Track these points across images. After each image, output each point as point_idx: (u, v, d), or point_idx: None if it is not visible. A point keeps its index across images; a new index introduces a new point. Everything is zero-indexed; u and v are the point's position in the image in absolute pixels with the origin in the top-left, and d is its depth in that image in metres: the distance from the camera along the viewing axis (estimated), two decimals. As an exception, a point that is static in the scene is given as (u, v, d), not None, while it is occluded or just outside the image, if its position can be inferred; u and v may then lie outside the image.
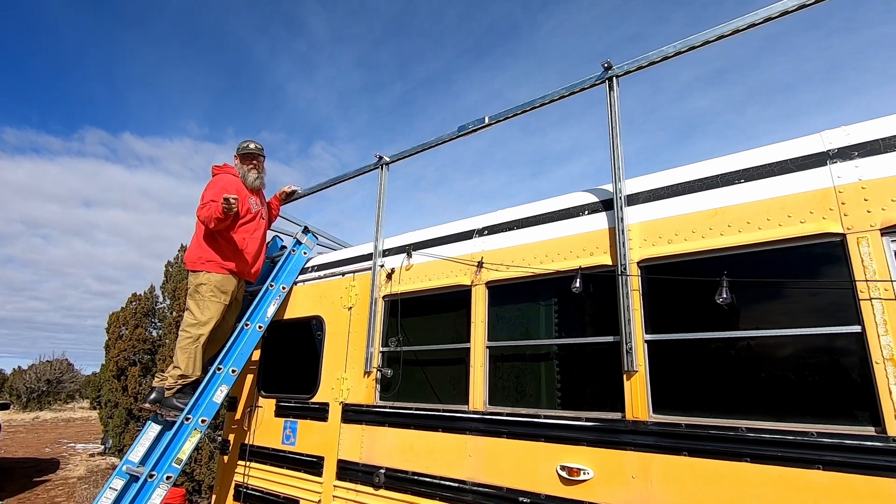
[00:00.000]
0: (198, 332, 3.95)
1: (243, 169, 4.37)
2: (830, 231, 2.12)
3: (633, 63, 2.84)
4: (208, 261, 4.05)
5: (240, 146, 4.45)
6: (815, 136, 2.31)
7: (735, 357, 2.36)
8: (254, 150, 4.42)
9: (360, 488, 3.38)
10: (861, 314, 2.01)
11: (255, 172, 4.41)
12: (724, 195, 2.44)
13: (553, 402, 2.83)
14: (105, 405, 12.06)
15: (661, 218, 2.61)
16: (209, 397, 3.79)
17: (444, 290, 3.42)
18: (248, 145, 4.42)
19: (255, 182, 4.39)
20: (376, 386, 3.57)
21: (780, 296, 2.29)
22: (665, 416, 2.38)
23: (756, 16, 2.50)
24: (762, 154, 2.42)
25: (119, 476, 3.66)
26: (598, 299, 2.80)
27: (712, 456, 2.18)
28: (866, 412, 1.97)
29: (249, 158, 4.40)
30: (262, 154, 4.47)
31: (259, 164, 4.46)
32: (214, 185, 4.12)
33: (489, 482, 2.81)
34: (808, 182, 2.23)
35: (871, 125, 2.18)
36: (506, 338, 3.10)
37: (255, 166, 4.42)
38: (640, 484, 2.33)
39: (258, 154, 4.44)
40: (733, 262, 2.35)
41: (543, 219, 3.09)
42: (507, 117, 3.38)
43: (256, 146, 4.45)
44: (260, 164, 4.47)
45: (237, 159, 4.42)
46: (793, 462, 2.00)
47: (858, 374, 2.02)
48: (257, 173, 4.42)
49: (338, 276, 4.18)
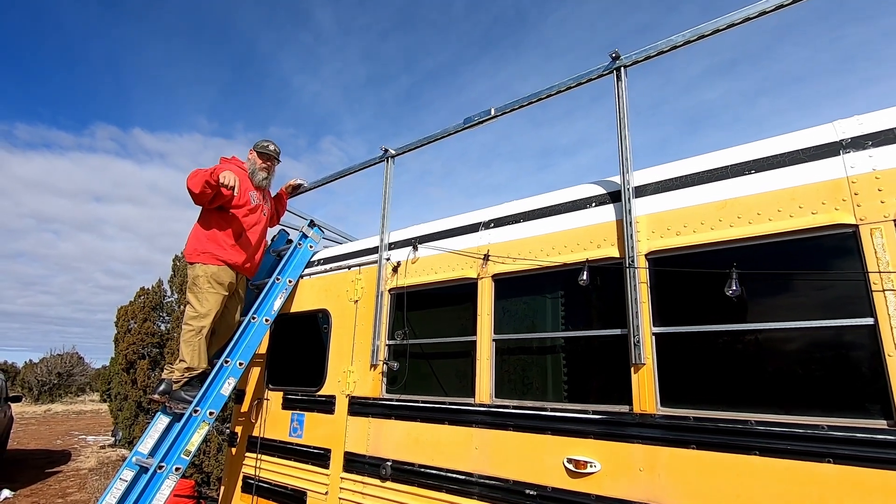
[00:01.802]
0: (199, 325, 3.96)
1: (255, 165, 4.37)
2: (843, 222, 2.09)
3: (642, 53, 2.80)
4: (204, 252, 4.05)
5: (260, 143, 4.44)
6: (828, 125, 2.27)
7: (744, 350, 2.33)
8: (272, 153, 4.43)
9: (366, 480, 3.40)
10: (874, 306, 1.98)
11: (265, 173, 4.42)
12: (733, 186, 2.41)
13: (560, 394, 2.82)
14: (115, 398, 12.20)
15: (670, 210, 2.58)
16: (217, 390, 3.81)
17: (450, 283, 3.41)
18: (269, 146, 4.42)
19: (262, 182, 4.41)
20: (382, 379, 3.58)
21: (790, 288, 2.26)
22: (673, 409, 2.37)
23: (767, 4, 2.46)
24: (773, 144, 2.38)
25: (129, 467, 3.70)
26: (605, 292, 2.78)
27: (721, 449, 2.16)
28: (878, 405, 1.94)
29: (266, 158, 4.41)
30: (278, 158, 4.49)
31: (272, 166, 4.47)
32: (219, 166, 4.11)
33: (496, 475, 2.81)
34: (820, 172, 2.19)
35: (885, 114, 2.14)
36: (512, 331, 3.09)
37: (267, 168, 4.43)
38: (647, 477, 2.32)
39: (275, 157, 4.46)
40: (743, 254, 2.32)
41: (550, 211, 3.07)
42: (514, 109, 3.35)
43: (276, 149, 4.46)
44: (272, 167, 4.48)
45: (252, 153, 4.42)
46: (803, 455, 1.98)
47: (870, 366, 1.99)
48: (267, 174, 4.43)
49: (344, 270, 4.18)
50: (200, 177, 3.70)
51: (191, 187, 3.75)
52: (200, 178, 3.70)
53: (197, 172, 3.75)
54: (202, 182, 3.69)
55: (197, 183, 3.70)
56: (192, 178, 3.73)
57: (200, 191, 3.73)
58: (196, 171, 3.76)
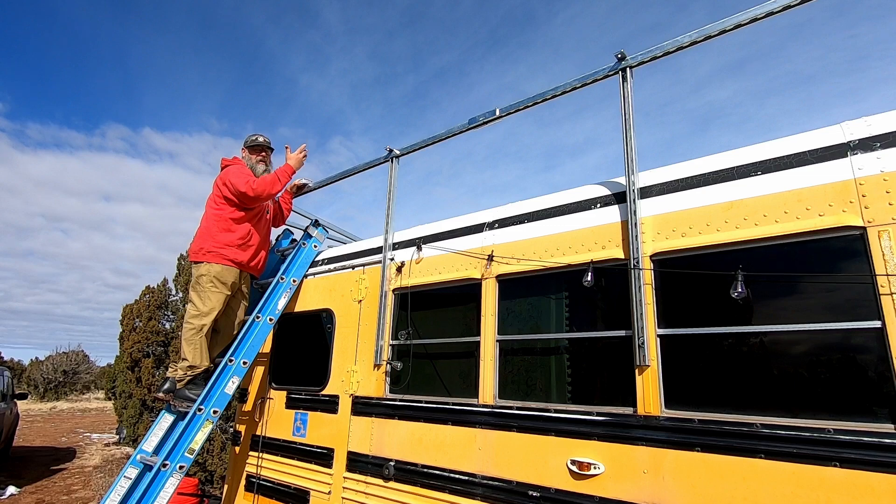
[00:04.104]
0: (200, 323, 3.98)
1: (252, 160, 4.40)
2: (850, 224, 2.07)
3: (648, 53, 2.79)
4: (209, 251, 4.07)
5: (248, 138, 4.48)
6: (836, 127, 2.25)
7: (750, 352, 2.32)
8: (262, 143, 4.45)
9: (370, 480, 3.40)
10: (881, 309, 1.96)
11: (264, 165, 4.44)
12: (739, 188, 2.40)
13: (564, 396, 2.82)
14: (119, 396, 12.26)
15: (675, 211, 2.57)
16: (221, 388, 3.82)
17: (454, 284, 3.41)
18: (258, 138, 4.45)
19: (263, 174, 4.41)
20: (386, 379, 3.58)
21: (796, 290, 2.25)
22: (678, 411, 2.35)
23: (774, 4, 2.44)
24: (780, 146, 2.36)
25: (133, 465, 3.72)
26: (609, 293, 2.77)
27: (726, 452, 2.15)
28: (885, 409, 1.93)
29: (258, 150, 4.44)
30: (270, 147, 4.50)
31: (267, 156, 4.49)
32: (242, 168, 4.25)
33: (499, 475, 2.80)
34: (827, 174, 2.18)
35: (893, 115, 2.12)
36: (516, 331, 3.08)
37: (264, 159, 4.45)
38: (651, 479, 2.31)
39: (266, 146, 4.47)
40: (749, 256, 2.31)
41: (555, 212, 3.06)
42: (519, 109, 3.35)
43: (265, 139, 4.48)
44: (268, 157, 4.50)
45: (245, 151, 4.45)
46: (809, 459, 1.97)
47: (877, 370, 1.97)
48: (265, 166, 4.45)
49: (348, 270, 4.19)
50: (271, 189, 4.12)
51: (270, 193, 4.15)
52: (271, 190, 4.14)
53: (264, 182, 4.11)
54: (272, 191, 4.13)
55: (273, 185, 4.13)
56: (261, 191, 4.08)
57: (274, 193, 4.20)
58: (256, 184, 4.08)
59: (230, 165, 4.31)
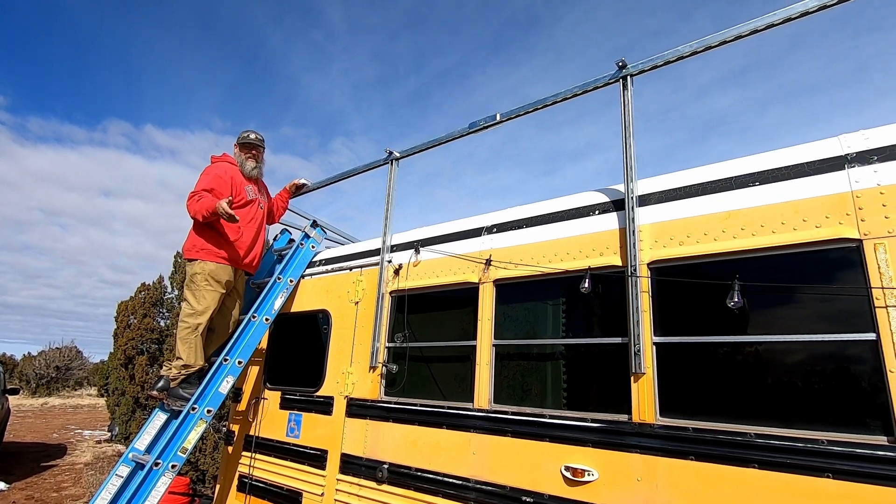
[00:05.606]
0: (195, 322, 3.96)
1: (241, 157, 4.39)
2: (846, 236, 2.09)
3: (648, 62, 2.81)
4: (202, 249, 4.05)
5: (240, 135, 4.46)
6: (833, 139, 2.27)
7: (745, 362, 2.33)
8: (254, 141, 4.43)
9: (363, 482, 3.39)
10: (876, 321, 1.97)
11: (254, 162, 4.42)
12: (737, 198, 2.41)
13: (559, 402, 2.82)
14: (112, 393, 12.19)
15: (673, 219, 2.58)
16: (215, 388, 3.81)
17: (451, 287, 3.41)
18: (249, 135, 4.43)
19: (253, 171, 4.40)
20: (381, 381, 3.57)
21: (792, 301, 2.26)
22: (672, 419, 2.36)
23: (775, 16, 2.46)
24: (778, 157, 2.38)
25: (125, 463, 3.70)
26: (606, 300, 2.78)
27: (719, 461, 2.16)
28: (879, 421, 1.94)
29: (249, 148, 4.42)
30: (262, 145, 4.49)
31: (258, 154, 4.47)
32: (207, 174, 4.16)
33: (493, 480, 2.80)
34: (824, 186, 2.20)
35: (891, 129, 2.14)
36: (512, 336, 3.09)
37: (254, 156, 4.44)
38: (645, 487, 2.32)
39: (258, 144, 4.45)
40: (745, 266, 2.32)
41: (553, 217, 3.07)
42: (519, 115, 3.36)
43: (257, 136, 4.46)
44: (259, 155, 4.48)
45: (237, 148, 4.44)
46: (802, 469, 1.98)
47: (871, 382, 1.99)
48: (255, 163, 4.43)
49: (345, 271, 4.19)
50: (201, 210, 3.90)
51: (194, 216, 4.01)
52: (201, 212, 3.91)
53: (197, 202, 3.95)
54: (202, 214, 3.91)
55: (200, 215, 3.93)
56: (195, 213, 3.96)
57: (204, 221, 3.98)
58: (195, 200, 3.96)
59: (209, 166, 4.32)
